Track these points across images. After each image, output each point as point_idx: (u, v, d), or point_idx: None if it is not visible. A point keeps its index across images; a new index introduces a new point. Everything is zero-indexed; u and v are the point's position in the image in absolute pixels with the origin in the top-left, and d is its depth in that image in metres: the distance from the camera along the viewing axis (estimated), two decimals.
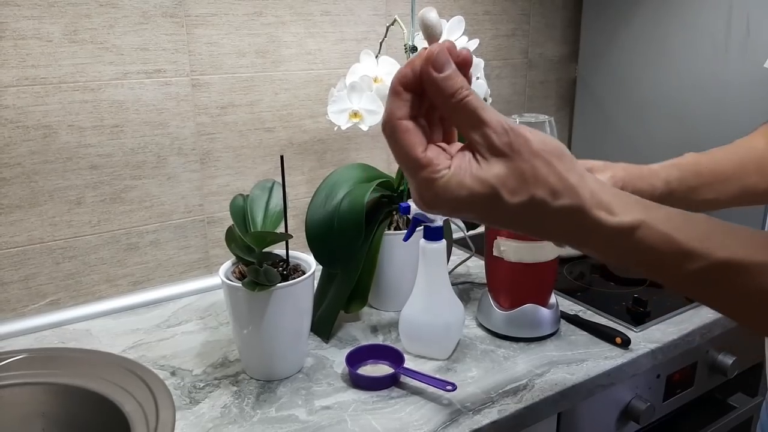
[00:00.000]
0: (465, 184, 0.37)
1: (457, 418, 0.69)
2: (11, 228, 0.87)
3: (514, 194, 0.37)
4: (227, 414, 0.70)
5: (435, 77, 0.37)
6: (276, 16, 1.00)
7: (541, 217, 0.38)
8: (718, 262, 0.38)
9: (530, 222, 0.39)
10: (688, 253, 0.38)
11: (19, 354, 0.77)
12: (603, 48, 1.30)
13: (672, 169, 0.61)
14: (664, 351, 0.86)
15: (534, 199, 0.37)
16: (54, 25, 0.83)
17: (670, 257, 0.38)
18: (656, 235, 0.38)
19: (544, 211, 0.38)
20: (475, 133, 0.38)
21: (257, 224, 0.77)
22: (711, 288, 0.39)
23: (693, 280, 0.39)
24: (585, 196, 0.38)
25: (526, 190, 0.37)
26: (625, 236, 0.38)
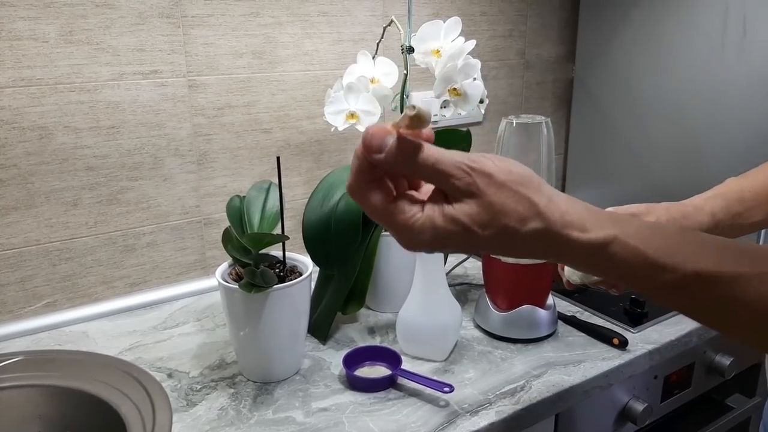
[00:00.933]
0: (437, 224, 0.40)
1: (454, 420, 0.69)
2: (7, 230, 0.86)
3: (486, 228, 0.39)
4: (224, 416, 0.70)
5: (377, 159, 0.39)
6: (273, 17, 0.99)
7: (514, 242, 0.40)
8: (689, 273, 0.39)
9: (506, 247, 0.41)
10: (659, 265, 0.40)
11: (16, 356, 0.77)
12: (600, 48, 1.30)
13: (716, 200, 0.62)
14: (661, 352, 0.86)
15: (505, 229, 0.40)
16: (50, 26, 0.83)
17: (642, 270, 0.40)
18: (627, 250, 0.40)
19: (515, 237, 0.40)
20: (439, 184, 0.40)
21: (254, 226, 0.77)
22: (684, 299, 0.41)
23: (667, 292, 0.40)
24: (554, 218, 0.40)
25: (496, 222, 0.39)
26: (598, 252, 0.40)
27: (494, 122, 1.31)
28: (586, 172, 1.37)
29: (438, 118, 1.20)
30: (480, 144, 1.30)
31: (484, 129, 1.30)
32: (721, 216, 0.62)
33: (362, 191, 0.41)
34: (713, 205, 0.62)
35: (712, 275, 0.39)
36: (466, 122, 1.23)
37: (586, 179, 1.38)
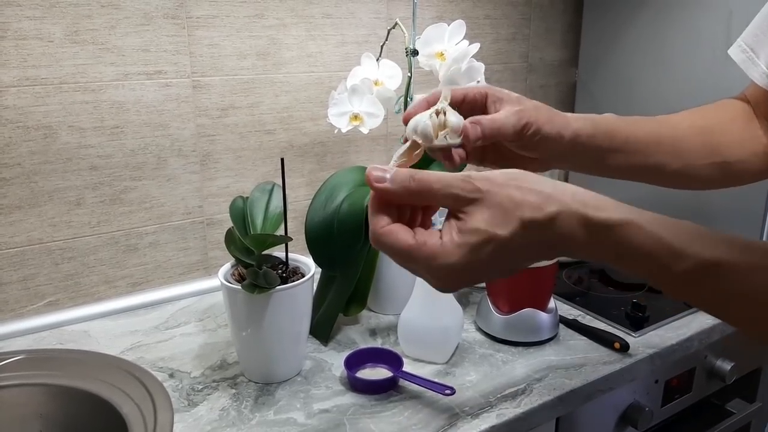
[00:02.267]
0: (460, 242, 0.39)
1: (455, 423, 0.69)
2: (10, 228, 0.87)
3: (505, 226, 0.39)
4: (225, 416, 0.70)
5: (384, 187, 0.41)
6: (277, 19, 1.00)
7: (540, 234, 0.39)
8: (707, 262, 0.38)
9: (532, 244, 0.40)
10: (678, 252, 0.39)
11: (18, 355, 0.77)
12: (603, 53, 1.30)
13: (586, 122, 0.59)
14: (662, 356, 0.86)
15: (523, 221, 0.39)
16: (55, 26, 0.83)
17: (660, 257, 0.39)
18: (645, 235, 0.39)
19: (537, 227, 0.39)
20: (445, 200, 0.40)
21: (257, 226, 0.77)
22: (700, 288, 0.40)
23: (682, 281, 0.40)
24: (566, 199, 0.39)
25: (513, 218, 0.39)
26: (614, 233, 0.39)
27: None
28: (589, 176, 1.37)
29: None
30: None
31: None
32: (584, 140, 0.58)
33: (385, 236, 0.41)
34: (581, 126, 0.58)
35: (729, 264, 0.38)
36: None
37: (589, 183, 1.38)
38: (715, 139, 0.64)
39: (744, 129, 0.66)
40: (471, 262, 0.40)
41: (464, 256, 0.39)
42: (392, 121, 1.15)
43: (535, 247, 0.40)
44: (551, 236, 0.40)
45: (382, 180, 0.41)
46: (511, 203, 0.39)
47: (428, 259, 0.40)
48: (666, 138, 0.62)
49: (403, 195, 0.41)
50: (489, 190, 0.39)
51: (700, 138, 0.63)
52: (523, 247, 0.40)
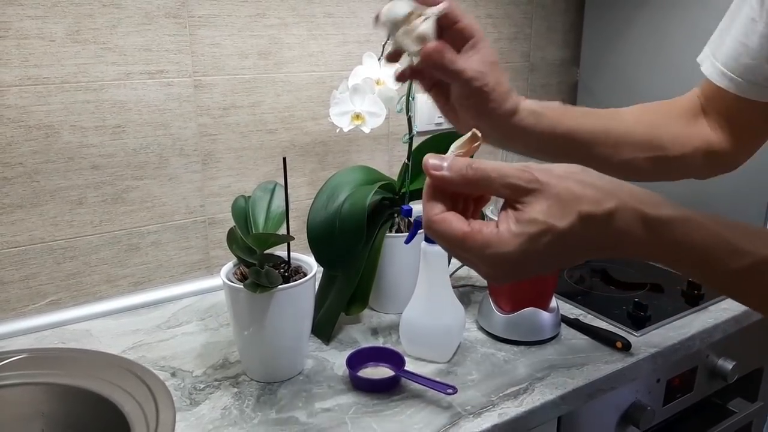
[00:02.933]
0: (517, 231, 0.39)
1: (457, 422, 0.69)
2: (12, 227, 0.87)
3: (563, 218, 0.38)
4: (227, 415, 0.70)
5: (441, 175, 0.41)
6: (278, 18, 1.00)
7: (597, 229, 0.39)
8: (765, 258, 0.39)
9: (590, 238, 0.39)
10: (736, 249, 0.39)
11: (19, 354, 0.77)
12: (604, 52, 1.30)
13: (531, 117, 0.59)
14: (664, 355, 0.86)
15: (581, 214, 0.38)
16: (57, 25, 0.83)
17: (717, 253, 0.39)
18: (705, 231, 0.39)
19: (595, 221, 0.39)
20: (502, 190, 0.40)
21: (259, 226, 0.77)
22: (753, 285, 0.40)
23: (737, 277, 0.40)
24: (624, 197, 0.39)
25: (570, 210, 0.38)
26: (673, 229, 0.39)
27: None
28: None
29: (442, 120, 1.21)
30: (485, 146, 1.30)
31: None
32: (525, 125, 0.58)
33: (439, 223, 0.41)
34: (527, 115, 0.58)
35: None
36: None
37: None
38: (657, 134, 0.64)
39: (687, 125, 0.66)
40: (527, 252, 0.39)
41: (521, 245, 0.38)
42: (394, 120, 1.15)
43: (591, 242, 0.40)
44: (608, 232, 0.39)
45: (439, 168, 0.41)
46: (569, 196, 0.38)
47: (482, 247, 0.39)
48: (608, 132, 0.62)
49: (460, 183, 0.40)
50: (548, 181, 0.39)
51: (645, 132, 0.64)
52: (580, 242, 0.39)
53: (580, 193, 0.39)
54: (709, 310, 0.96)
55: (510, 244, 0.39)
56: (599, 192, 0.39)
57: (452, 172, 0.40)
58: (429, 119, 1.19)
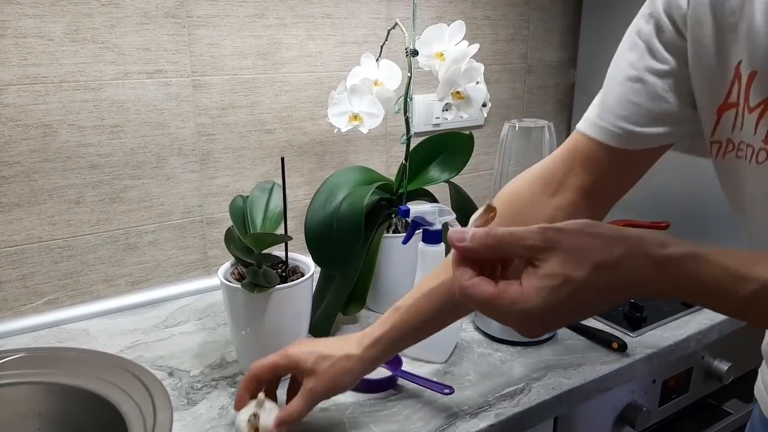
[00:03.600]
0: (539, 285, 0.42)
1: (454, 422, 0.69)
2: (10, 226, 0.87)
3: (579, 268, 0.42)
4: (225, 415, 0.70)
5: (465, 246, 0.44)
6: (277, 18, 1.00)
7: (611, 275, 0.43)
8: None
9: (609, 285, 0.43)
10: (743, 276, 0.42)
11: (16, 353, 0.77)
12: (601, 54, 1.30)
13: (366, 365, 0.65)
14: (660, 356, 0.86)
15: (596, 264, 0.42)
16: (55, 24, 0.83)
17: (727, 282, 0.42)
18: (711, 264, 0.43)
19: (609, 268, 0.42)
20: (520, 251, 0.43)
21: (257, 225, 0.77)
22: (765, 308, 0.43)
23: (748, 302, 0.43)
24: (632, 242, 0.43)
25: (585, 261, 0.42)
26: (680, 266, 0.43)
27: (496, 125, 1.31)
28: None
29: (440, 121, 1.21)
30: (481, 147, 1.30)
31: (486, 132, 1.31)
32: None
33: (470, 288, 0.44)
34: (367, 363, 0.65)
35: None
36: (467, 125, 1.23)
37: None
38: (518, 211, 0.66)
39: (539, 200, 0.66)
40: (550, 304, 0.42)
41: (545, 299, 0.42)
42: (391, 121, 1.15)
43: (608, 288, 0.43)
44: (622, 277, 0.43)
45: (462, 239, 0.45)
46: (582, 248, 0.43)
47: (510, 305, 0.43)
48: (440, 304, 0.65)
49: (482, 250, 0.44)
50: (561, 239, 0.43)
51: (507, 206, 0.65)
52: (599, 290, 0.43)
53: (590, 244, 0.43)
54: (704, 311, 0.96)
55: (534, 298, 0.42)
56: (606, 241, 0.43)
57: (473, 242, 0.44)
58: (426, 120, 1.19)
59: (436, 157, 0.96)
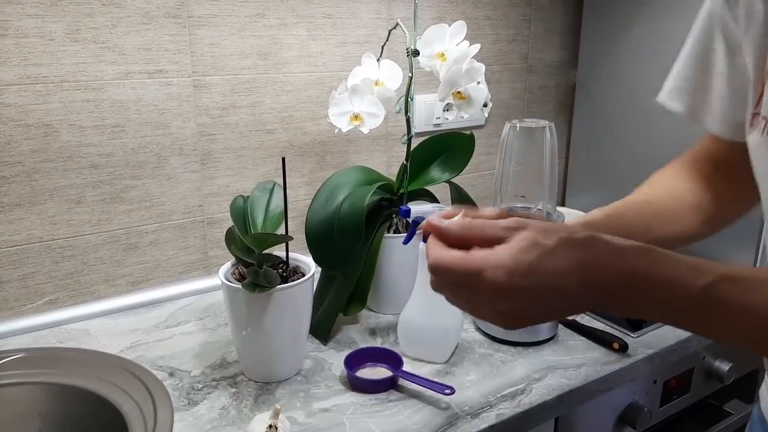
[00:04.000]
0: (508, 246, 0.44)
1: (455, 422, 0.69)
2: (10, 226, 0.87)
3: (547, 238, 0.44)
4: (225, 415, 0.70)
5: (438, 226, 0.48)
6: (278, 18, 1.00)
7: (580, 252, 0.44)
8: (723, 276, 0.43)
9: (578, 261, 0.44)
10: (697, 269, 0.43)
11: (17, 353, 0.77)
12: (602, 54, 1.30)
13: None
14: (661, 357, 0.86)
15: (562, 238, 0.44)
16: (56, 24, 0.83)
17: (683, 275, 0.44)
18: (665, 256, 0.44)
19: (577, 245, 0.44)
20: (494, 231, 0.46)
21: (257, 226, 0.77)
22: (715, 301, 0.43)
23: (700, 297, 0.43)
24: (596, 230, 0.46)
25: (554, 234, 0.44)
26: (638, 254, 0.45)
27: (496, 125, 1.31)
28: (588, 177, 1.38)
29: (441, 121, 1.21)
30: (482, 147, 1.30)
31: (486, 132, 1.31)
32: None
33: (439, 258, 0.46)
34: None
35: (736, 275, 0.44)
36: (468, 125, 1.23)
37: (588, 184, 1.38)
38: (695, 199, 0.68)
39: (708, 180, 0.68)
40: (519, 262, 0.43)
41: (513, 256, 0.43)
42: (392, 121, 1.15)
43: (576, 267, 0.44)
44: (586, 259, 0.44)
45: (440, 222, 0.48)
46: (550, 227, 0.45)
47: (482, 263, 0.44)
48: (652, 216, 0.66)
49: (457, 229, 0.47)
50: (531, 223, 0.45)
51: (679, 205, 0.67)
52: (566, 265, 0.44)
53: (557, 226, 0.46)
54: None
55: (504, 254, 0.44)
56: (573, 227, 0.46)
57: (452, 223, 0.47)
58: (427, 120, 1.19)
59: (436, 158, 0.96)
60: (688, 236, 0.67)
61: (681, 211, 0.67)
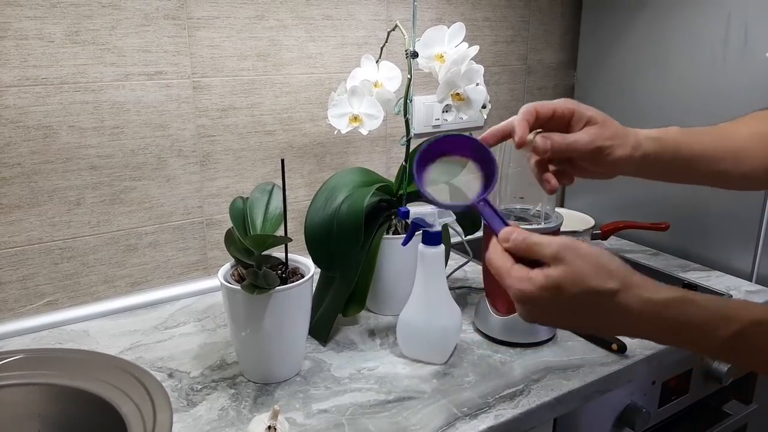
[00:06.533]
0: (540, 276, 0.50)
1: (454, 423, 0.69)
2: (10, 228, 0.87)
3: (574, 286, 0.49)
4: (225, 416, 0.70)
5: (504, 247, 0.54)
6: (277, 20, 1.00)
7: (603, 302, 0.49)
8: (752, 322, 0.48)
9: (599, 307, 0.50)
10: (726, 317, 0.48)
11: (17, 354, 0.77)
12: (601, 55, 1.31)
13: (653, 143, 0.64)
14: (659, 358, 0.86)
15: (590, 288, 0.49)
16: (56, 26, 0.83)
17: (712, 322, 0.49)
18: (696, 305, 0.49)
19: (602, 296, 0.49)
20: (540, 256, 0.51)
21: (257, 227, 0.77)
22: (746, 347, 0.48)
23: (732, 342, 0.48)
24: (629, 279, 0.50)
25: (581, 283, 0.49)
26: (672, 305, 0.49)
27: None
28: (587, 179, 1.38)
29: (440, 122, 1.21)
30: None
31: None
32: (652, 158, 0.64)
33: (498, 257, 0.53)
34: (649, 147, 0.64)
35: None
36: (467, 126, 1.23)
37: (586, 185, 1.38)
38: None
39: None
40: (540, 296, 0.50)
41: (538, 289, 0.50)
42: (391, 122, 1.15)
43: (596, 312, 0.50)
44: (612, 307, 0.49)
45: (506, 240, 0.53)
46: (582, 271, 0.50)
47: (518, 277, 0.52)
48: (727, 147, 0.66)
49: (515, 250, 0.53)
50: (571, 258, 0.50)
51: (761, 145, 0.66)
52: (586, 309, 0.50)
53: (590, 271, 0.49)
54: None
55: (532, 282, 0.51)
56: (607, 273, 0.49)
57: (512, 243, 0.53)
58: (426, 121, 1.19)
59: None
60: (753, 179, 0.67)
61: (755, 152, 0.66)
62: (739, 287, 1.06)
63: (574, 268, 0.49)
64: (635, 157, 0.63)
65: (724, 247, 1.14)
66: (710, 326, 0.47)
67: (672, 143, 0.64)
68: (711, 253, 1.16)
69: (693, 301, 0.48)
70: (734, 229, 1.12)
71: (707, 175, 0.66)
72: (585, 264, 0.49)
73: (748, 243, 1.10)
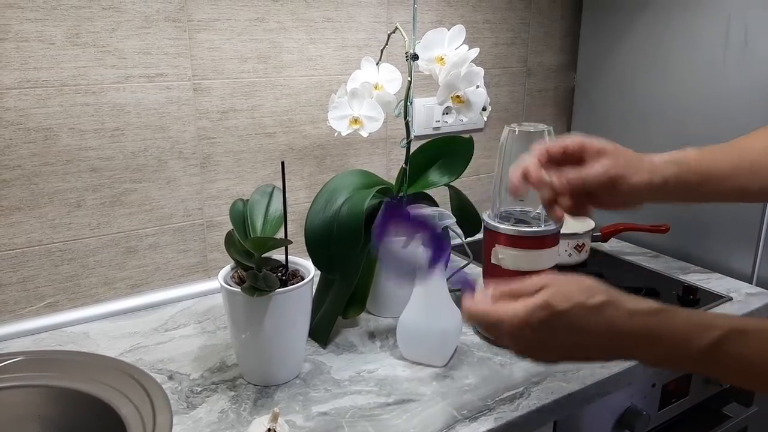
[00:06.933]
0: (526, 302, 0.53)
1: (453, 426, 0.69)
2: (10, 230, 0.87)
3: (562, 302, 0.52)
4: (224, 419, 0.70)
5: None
6: (278, 22, 1.00)
7: (592, 316, 0.51)
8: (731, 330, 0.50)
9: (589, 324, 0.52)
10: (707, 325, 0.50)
11: (16, 356, 0.77)
12: (601, 57, 1.31)
13: (672, 166, 0.65)
14: None
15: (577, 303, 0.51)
16: (56, 28, 0.84)
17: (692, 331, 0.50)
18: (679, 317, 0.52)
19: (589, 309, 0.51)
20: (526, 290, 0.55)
21: (257, 229, 0.77)
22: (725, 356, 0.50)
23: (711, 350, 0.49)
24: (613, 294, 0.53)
25: (569, 299, 0.52)
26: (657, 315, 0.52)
27: (495, 129, 1.31)
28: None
29: (440, 125, 1.21)
30: (481, 150, 1.30)
31: (486, 136, 1.31)
32: (673, 182, 0.64)
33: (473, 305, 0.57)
34: (667, 170, 0.64)
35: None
36: (467, 129, 1.23)
37: None
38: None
39: None
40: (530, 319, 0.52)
41: (527, 312, 0.52)
42: (392, 124, 1.15)
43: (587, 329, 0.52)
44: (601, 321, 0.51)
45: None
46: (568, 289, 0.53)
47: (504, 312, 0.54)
48: (743, 160, 0.66)
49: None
50: (553, 282, 0.54)
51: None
52: (577, 326, 0.52)
53: (575, 288, 0.52)
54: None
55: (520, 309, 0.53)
56: (592, 289, 0.52)
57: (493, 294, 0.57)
58: (426, 123, 1.20)
59: (436, 161, 0.96)
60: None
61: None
62: (740, 289, 1.06)
63: (560, 289, 0.52)
64: (655, 183, 0.63)
65: (724, 250, 1.14)
66: (693, 334, 0.49)
67: (694, 165, 0.65)
68: (711, 255, 1.16)
69: (674, 311, 0.50)
70: (734, 231, 1.12)
71: (728, 192, 0.67)
72: (569, 284, 0.53)
73: (749, 245, 1.10)
